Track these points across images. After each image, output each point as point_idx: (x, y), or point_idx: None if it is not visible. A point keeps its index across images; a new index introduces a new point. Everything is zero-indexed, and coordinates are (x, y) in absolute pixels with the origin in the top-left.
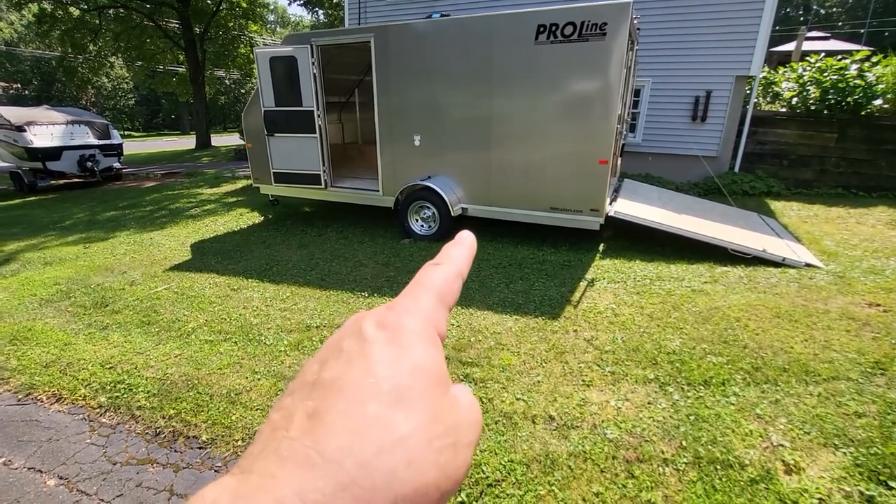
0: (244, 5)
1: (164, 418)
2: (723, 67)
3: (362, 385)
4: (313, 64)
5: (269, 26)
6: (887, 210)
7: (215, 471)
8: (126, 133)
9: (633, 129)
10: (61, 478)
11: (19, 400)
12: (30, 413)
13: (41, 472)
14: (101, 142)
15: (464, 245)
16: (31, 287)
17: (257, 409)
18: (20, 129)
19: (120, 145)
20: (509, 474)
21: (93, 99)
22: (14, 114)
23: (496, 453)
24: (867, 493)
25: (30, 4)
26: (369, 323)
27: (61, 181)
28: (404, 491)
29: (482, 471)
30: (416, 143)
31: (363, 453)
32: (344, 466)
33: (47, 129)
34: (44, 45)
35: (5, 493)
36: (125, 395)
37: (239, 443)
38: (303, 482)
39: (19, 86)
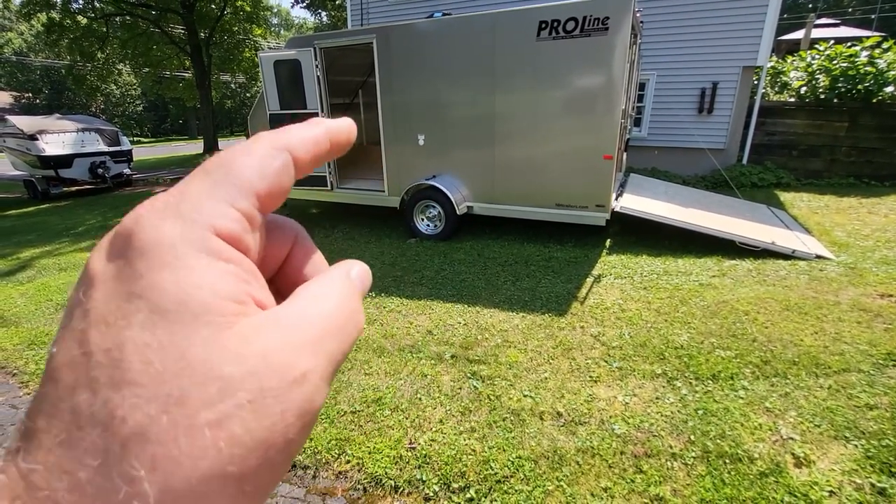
0: (248, 9)
1: None
2: (729, 58)
3: (75, 362)
4: (317, 66)
5: (272, 29)
6: None
7: None
8: (135, 139)
9: (638, 123)
10: None
11: None
12: None
13: None
14: (112, 148)
15: (318, 122)
16: (48, 292)
17: None
18: (32, 137)
19: (130, 151)
20: (518, 470)
21: (102, 106)
22: (26, 123)
23: (504, 450)
24: (879, 485)
25: (38, 14)
26: (100, 247)
27: (73, 188)
28: None
29: (491, 467)
30: (421, 142)
31: (77, 471)
32: (52, 495)
33: (59, 137)
34: (53, 54)
35: None
36: None
37: None
38: None
39: (30, 95)
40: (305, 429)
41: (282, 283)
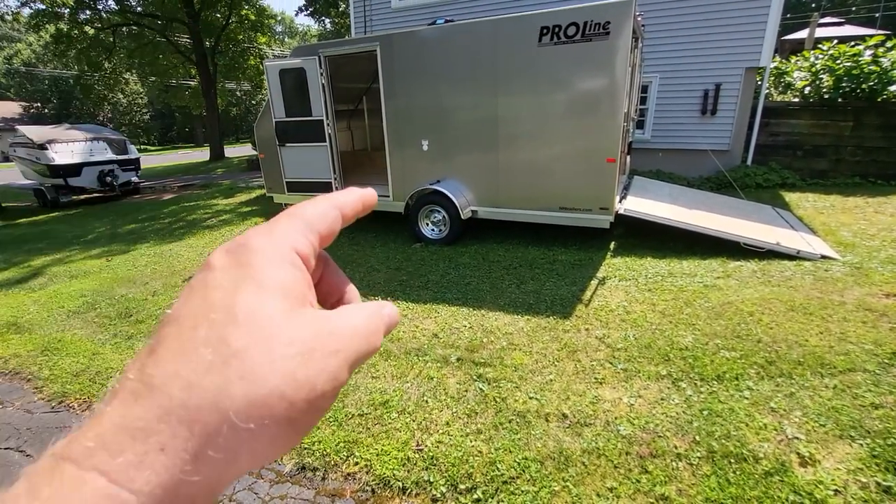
0: (253, 18)
1: None
2: (731, 60)
3: (197, 313)
4: (321, 74)
5: (277, 37)
6: None
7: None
8: (142, 147)
9: (641, 125)
10: None
11: (52, 408)
12: (63, 420)
13: None
14: (119, 157)
15: (354, 190)
16: (59, 299)
17: None
18: (42, 147)
19: (137, 160)
20: (524, 471)
21: (109, 115)
22: (36, 133)
23: (511, 451)
24: (884, 483)
25: (47, 26)
26: (218, 251)
27: (82, 196)
28: (235, 405)
29: (497, 468)
30: (425, 147)
31: (190, 374)
32: (168, 392)
33: (67, 146)
34: (61, 64)
35: None
36: None
37: None
38: (125, 413)
39: (39, 105)
40: (333, 392)
41: (318, 296)
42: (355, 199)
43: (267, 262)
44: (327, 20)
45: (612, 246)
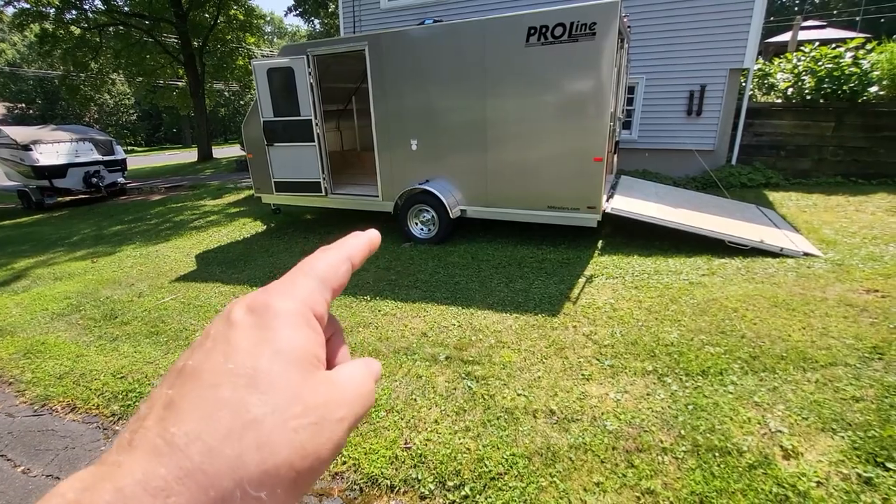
0: (241, 18)
1: None
2: (716, 61)
3: (219, 370)
4: (310, 74)
5: (265, 37)
6: (887, 196)
7: None
8: (129, 148)
9: (628, 125)
10: None
11: (35, 411)
12: (46, 423)
13: (59, 479)
14: (106, 158)
15: (360, 236)
16: (43, 302)
17: None
18: (26, 148)
19: (124, 160)
20: (511, 467)
21: (96, 116)
22: (20, 133)
23: (498, 448)
24: (865, 474)
25: (31, 25)
26: (239, 307)
27: (67, 198)
28: (250, 474)
29: (485, 465)
30: (414, 147)
31: (210, 439)
32: (189, 453)
33: (52, 147)
34: (46, 64)
35: (25, 500)
36: (137, 404)
37: None
38: (146, 470)
39: (24, 105)
40: (332, 459)
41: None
42: (363, 245)
43: (288, 325)
44: (316, 21)
45: (599, 244)
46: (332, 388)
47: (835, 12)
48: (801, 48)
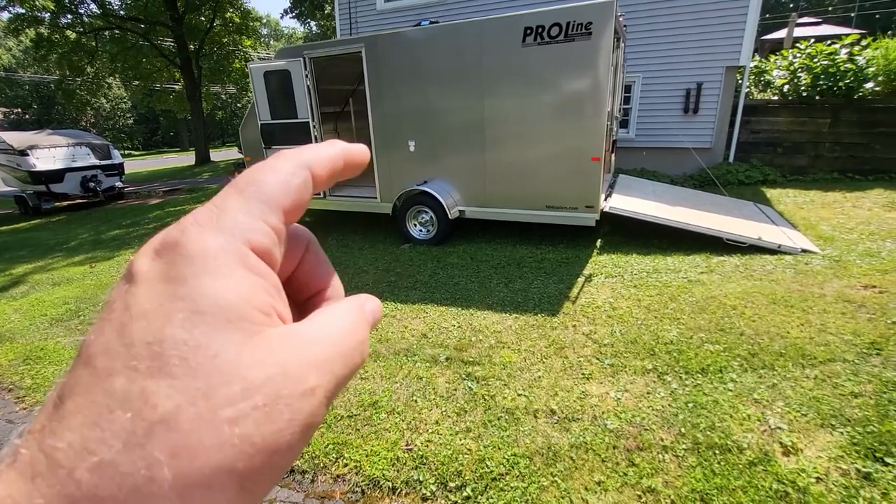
0: (237, 20)
1: None
2: (712, 59)
3: (113, 352)
4: (307, 76)
5: (262, 40)
6: (883, 192)
7: None
8: (126, 152)
9: (625, 124)
10: None
11: None
12: None
13: None
14: (103, 162)
15: (336, 143)
16: (42, 307)
17: None
18: (23, 153)
19: (121, 165)
20: (513, 468)
21: (92, 120)
22: (16, 138)
23: (499, 448)
24: (864, 470)
25: (27, 30)
26: (144, 253)
27: (65, 203)
28: (165, 492)
29: (486, 465)
30: (412, 148)
31: (102, 451)
32: (75, 474)
33: (49, 152)
34: (42, 69)
35: None
36: None
37: None
38: (18, 496)
39: (19, 110)
40: (304, 440)
41: (293, 287)
42: (333, 153)
43: (209, 272)
44: (313, 23)
45: (598, 243)
46: (294, 347)
47: (830, 9)
48: (797, 45)
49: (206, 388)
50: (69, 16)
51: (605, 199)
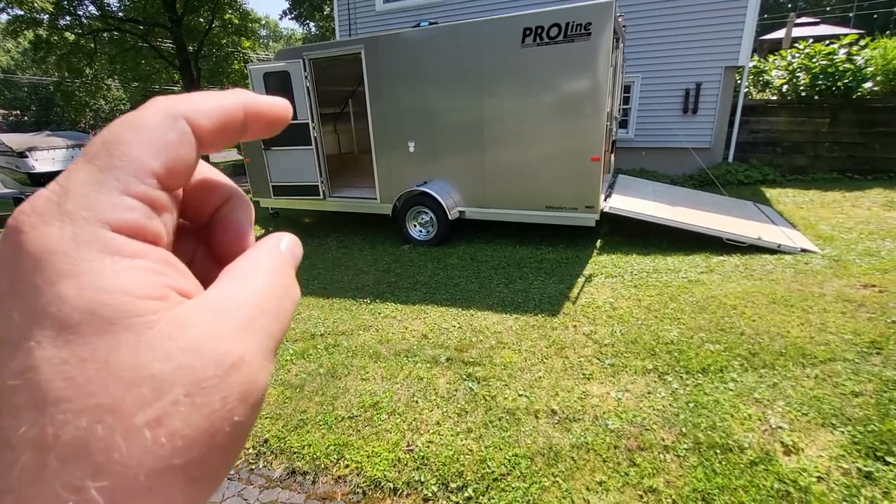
0: (236, 22)
1: None
2: (711, 59)
3: None
4: (306, 77)
5: (261, 41)
6: (883, 192)
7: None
8: None
9: (624, 124)
10: None
11: None
12: None
13: None
14: None
15: (231, 91)
16: None
17: (266, 419)
18: (22, 155)
19: None
20: (514, 468)
21: (91, 121)
22: (15, 140)
23: (501, 448)
24: (865, 469)
25: (25, 32)
26: None
27: None
28: None
29: (488, 466)
30: (411, 149)
31: (6, 499)
32: None
33: (48, 154)
34: (41, 70)
35: None
36: None
37: (249, 450)
38: None
39: (18, 112)
40: (253, 408)
41: (220, 251)
42: (224, 101)
43: (64, 274)
44: (312, 24)
45: (598, 244)
46: (205, 322)
47: (828, 9)
48: (796, 45)
49: (109, 401)
50: (68, 17)
51: (605, 200)
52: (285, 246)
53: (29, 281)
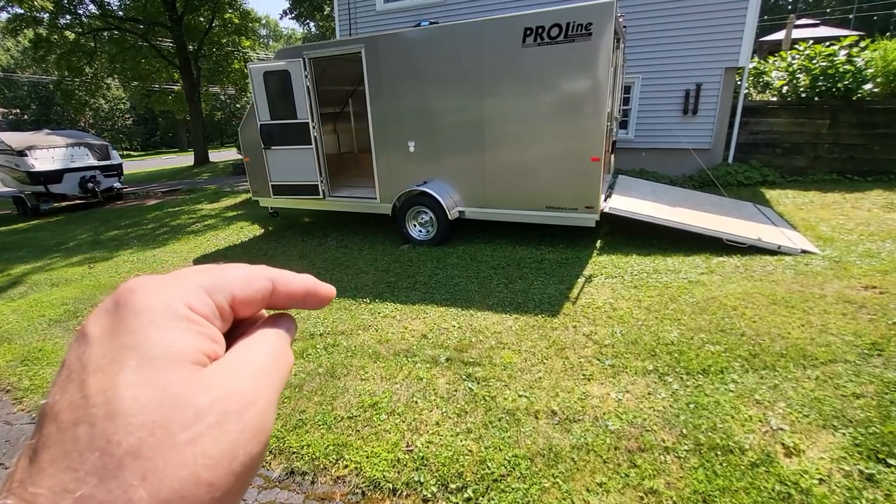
0: (236, 21)
1: None
2: (711, 60)
3: (76, 405)
4: (306, 76)
5: (261, 41)
6: (883, 193)
7: None
8: (125, 153)
9: (624, 125)
10: None
11: (33, 418)
12: None
13: None
14: (102, 163)
15: (306, 277)
16: (40, 308)
17: None
18: (21, 153)
19: (120, 165)
20: (514, 469)
21: (91, 121)
22: (15, 139)
23: (501, 449)
24: (867, 471)
25: (25, 30)
26: (95, 313)
27: (63, 203)
28: None
29: (487, 466)
30: (411, 149)
31: (80, 488)
32: None
33: (48, 152)
34: (41, 69)
35: None
36: None
37: None
38: None
39: (18, 111)
40: (261, 445)
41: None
42: (299, 281)
43: (156, 324)
44: (312, 23)
45: (598, 244)
46: (230, 373)
47: (828, 10)
48: (796, 46)
49: (161, 419)
50: (68, 16)
51: (605, 200)
52: (284, 327)
53: (130, 324)
